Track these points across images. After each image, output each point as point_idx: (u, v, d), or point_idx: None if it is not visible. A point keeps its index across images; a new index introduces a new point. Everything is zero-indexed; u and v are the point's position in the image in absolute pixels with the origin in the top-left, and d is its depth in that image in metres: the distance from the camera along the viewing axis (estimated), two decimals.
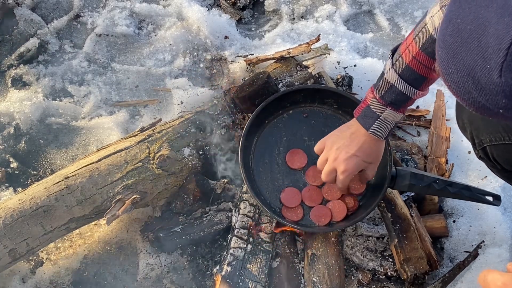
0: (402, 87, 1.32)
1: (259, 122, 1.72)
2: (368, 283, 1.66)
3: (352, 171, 1.45)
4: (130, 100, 2.11)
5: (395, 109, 1.36)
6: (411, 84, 1.32)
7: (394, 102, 1.35)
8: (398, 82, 1.32)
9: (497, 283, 0.80)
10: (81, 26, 2.29)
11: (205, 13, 2.25)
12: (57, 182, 1.62)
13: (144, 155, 1.67)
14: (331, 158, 1.47)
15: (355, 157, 1.43)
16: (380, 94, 1.36)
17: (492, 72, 0.73)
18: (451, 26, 0.79)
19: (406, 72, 1.31)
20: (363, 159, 1.45)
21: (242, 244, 1.63)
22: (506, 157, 1.40)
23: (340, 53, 2.15)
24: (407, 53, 1.30)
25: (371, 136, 1.41)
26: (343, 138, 1.46)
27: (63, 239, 1.78)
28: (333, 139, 1.48)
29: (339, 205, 1.63)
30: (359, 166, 1.46)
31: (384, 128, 1.40)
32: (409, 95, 1.33)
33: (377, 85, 1.38)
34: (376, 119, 1.38)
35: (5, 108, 2.04)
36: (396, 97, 1.34)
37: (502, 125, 1.35)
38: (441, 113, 1.98)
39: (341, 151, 1.44)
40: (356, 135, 1.43)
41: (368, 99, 1.40)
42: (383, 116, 1.37)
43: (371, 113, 1.39)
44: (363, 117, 1.41)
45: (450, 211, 1.82)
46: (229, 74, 2.09)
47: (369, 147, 1.43)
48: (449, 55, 0.79)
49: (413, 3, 2.39)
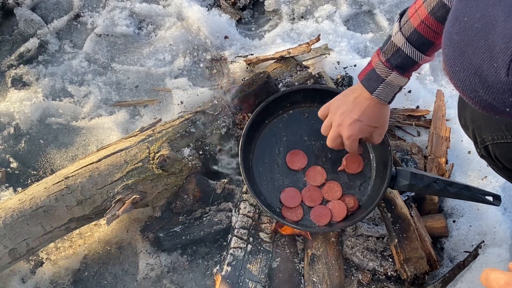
0: (409, 51, 1.31)
1: (259, 122, 1.72)
2: (368, 283, 1.66)
3: (356, 135, 1.44)
4: (130, 100, 2.11)
5: (400, 73, 1.35)
6: (418, 48, 1.30)
7: (400, 66, 1.34)
8: (405, 46, 1.31)
9: (499, 282, 0.80)
10: (81, 26, 2.29)
11: (205, 13, 2.25)
12: (57, 182, 1.62)
13: (144, 155, 1.67)
14: (335, 124, 1.46)
15: (359, 121, 1.42)
16: (386, 57, 1.34)
17: (499, 70, 0.73)
18: (457, 24, 0.79)
19: (414, 36, 1.30)
20: (367, 123, 1.43)
21: (242, 244, 1.63)
22: (508, 155, 1.40)
23: (340, 53, 2.15)
24: (416, 16, 1.28)
25: (375, 99, 1.39)
26: (346, 102, 1.44)
27: (63, 239, 1.78)
28: (337, 104, 1.47)
29: (339, 205, 1.63)
30: (364, 130, 1.44)
31: (389, 92, 1.38)
32: (416, 59, 1.32)
33: (383, 48, 1.36)
34: (380, 82, 1.37)
35: (5, 108, 2.04)
36: (402, 60, 1.33)
37: (505, 123, 1.35)
38: (441, 113, 1.98)
39: (345, 116, 1.44)
40: (359, 99, 1.42)
41: (373, 62, 1.38)
42: (388, 79, 1.36)
43: (376, 76, 1.37)
44: (368, 80, 1.39)
45: (450, 211, 1.82)
46: (229, 74, 2.09)
47: (372, 111, 1.42)
48: (456, 53, 0.79)
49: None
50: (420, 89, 2.11)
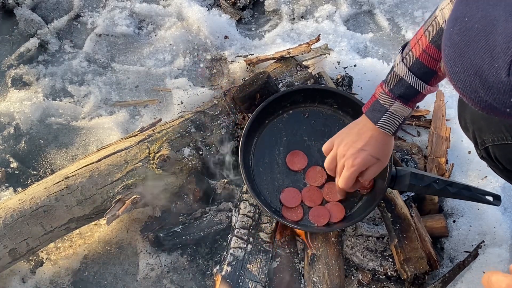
0: (411, 80, 1.31)
1: (259, 122, 1.72)
2: (368, 283, 1.66)
3: (359, 166, 1.43)
4: (130, 100, 2.11)
5: (404, 103, 1.35)
6: (420, 77, 1.31)
7: (403, 96, 1.34)
8: (408, 76, 1.31)
9: (501, 284, 0.80)
10: (81, 26, 2.29)
11: (205, 13, 2.24)
12: (57, 182, 1.62)
13: (144, 155, 1.67)
14: (340, 155, 1.46)
15: (363, 151, 1.41)
16: (389, 88, 1.35)
17: (500, 71, 0.73)
18: (458, 25, 0.79)
19: (416, 66, 1.30)
20: (371, 154, 1.42)
21: (242, 244, 1.63)
22: (508, 157, 1.39)
23: (340, 53, 2.15)
24: (417, 46, 1.29)
25: (379, 130, 1.39)
26: (351, 134, 1.44)
27: (63, 239, 1.78)
28: (341, 137, 1.47)
29: (337, 206, 1.63)
30: (367, 161, 1.43)
31: (393, 122, 1.38)
32: (419, 88, 1.32)
33: (386, 79, 1.37)
34: (384, 112, 1.37)
35: (5, 108, 2.04)
36: (405, 90, 1.33)
37: (505, 125, 1.35)
38: (441, 113, 1.98)
39: (349, 147, 1.43)
40: (363, 130, 1.42)
41: (377, 93, 1.39)
42: (392, 109, 1.36)
43: (380, 107, 1.37)
44: (371, 111, 1.39)
45: (450, 211, 1.82)
46: (229, 74, 2.09)
47: (376, 141, 1.41)
48: (456, 54, 0.79)
49: (413, 3, 2.39)
50: None
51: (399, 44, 2.29)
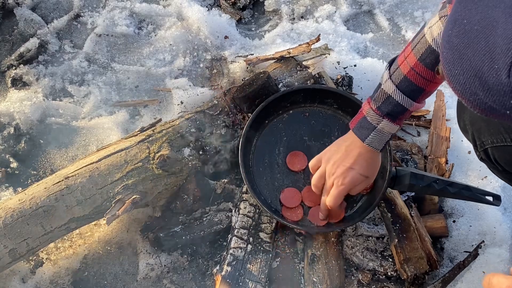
0: (399, 98, 1.32)
1: (259, 122, 1.72)
2: (368, 283, 1.66)
3: (349, 185, 1.43)
4: (130, 100, 2.11)
5: (391, 120, 1.35)
6: (408, 95, 1.31)
7: (391, 113, 1.34)
8: (395, 93, 1.32)
9: (502, 286, 0.80)
10: (81, 26, 2.29)
11: (205, 13, 2.24)
12: (57, 182, 1.62)
13: (144, 155, 1.67)
14: (328, 174, 1.46)
15: (352, 169, 1.42)
16: (377, 105, 1.35)
17: (500, 72, 0.72)
18: (456, 27, 0.79)
19: (404, 84, 1.31)
20: (360, 172, 1.42)
21: (242, 244, 1.63)
22: (507, 158, 1.39)
23: (340, 53, 2.15)
24: (405, 64, 1.29)
25: (367, 147, 1.39)
26: (339, 152, 1.44)
27: (63, 239, 1.78)
28: (329, 154, 1.47)
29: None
30: (356, 180, 1.43)
31: (380, 140, 1.39)
32: (406, 106, 1.33)
33: (374, 96, 1.37)
34: (372, 130, 1.37)
35: (5, 108, 2.04)
36: (393, 108, 1.34)
37: (504, 126, 1.35)
38: (441, 113, 1.98)
39: (338, 165, 1.43)
40: (351, 148, 1.42)
41: (364, 110, 1.39)
42: (379, 127, 1.36)
43: (367, 124, 1.38)
44: (359, 129, 1.40)
45: (450, 211, 1.82)
46: (229, 74, 2.09)
47: (364, 159, 1.42)
48: (455, 56, 0.78)
49: (413, 3, 2.39)
50: None
51: (399, 44, 2.29)
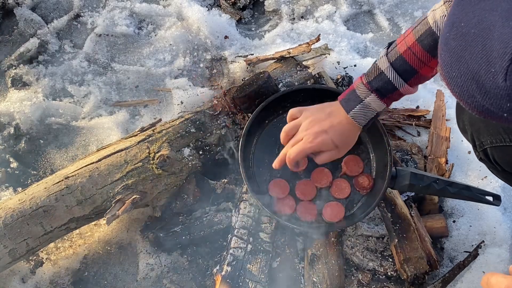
0: (391, 76, 1.32)
1: (259, 122, 1.72)
2: (368, 283, 1.66)
3: (317, 145, 1.41)
4: (130, 100, 2.11)
5: (379, 97, 1.35)
6: (400, 74, 1.32)
7: (380, 90, 1.34)
8: (388, 70, 1.32)
9: (500, 286, 0.80)
10: (81, 26, 2.30)
11: (205, 13, 2.25)
12: (57, 182, 1.62)
13: (144, 155, 1.67)
14: (303, 128, 1.43)
15: (326, 133, 1.40)
16: (368, 80, 1.36)
17: (497, 76, 0.73)
18: (454, 30, 0.79)
19: (398, 62, 1.31)
20: (332, 138, 1.40)
21: (242, 244, 1.63)
22: (506, 159, 1.39)
23: (340, 53, 2.15)
24: (403, 43, 1.30)
25: (349, 119, 1.39)
26: (321, 112, 1.43)
27: (63, 239, 1.78)
28: (311, 111, 1.45)
29: (337, 206, 1.61)
30: (325, 144, 1.41)
31: (365, 115, 1.38)
32: (396, 85, 1.33)
33: (367, 71, 1.38)
34: (358, 102, 1.37)
35: (5, 108, 2.04)
36: (383, 84, 1.34)
37: (503, 127, 1.35)
38: (441, 113, 1.98)
39: (314, 123, 1.41)
40: (334, 114, 1.41)
41: (355, 84, 1.39)
42: (366, 101, 1.36)
43: (355, 97, 1.38)
44: (346, 101, 1.40)
45: (450, 211, 1.82)
46: (229, 74, 2.09)
47: (342, 128, 1.41)
48: (453, 59, 0.79)
49: (413, 3, 2.39)
50: (420, 89, 2.09)
51: None
